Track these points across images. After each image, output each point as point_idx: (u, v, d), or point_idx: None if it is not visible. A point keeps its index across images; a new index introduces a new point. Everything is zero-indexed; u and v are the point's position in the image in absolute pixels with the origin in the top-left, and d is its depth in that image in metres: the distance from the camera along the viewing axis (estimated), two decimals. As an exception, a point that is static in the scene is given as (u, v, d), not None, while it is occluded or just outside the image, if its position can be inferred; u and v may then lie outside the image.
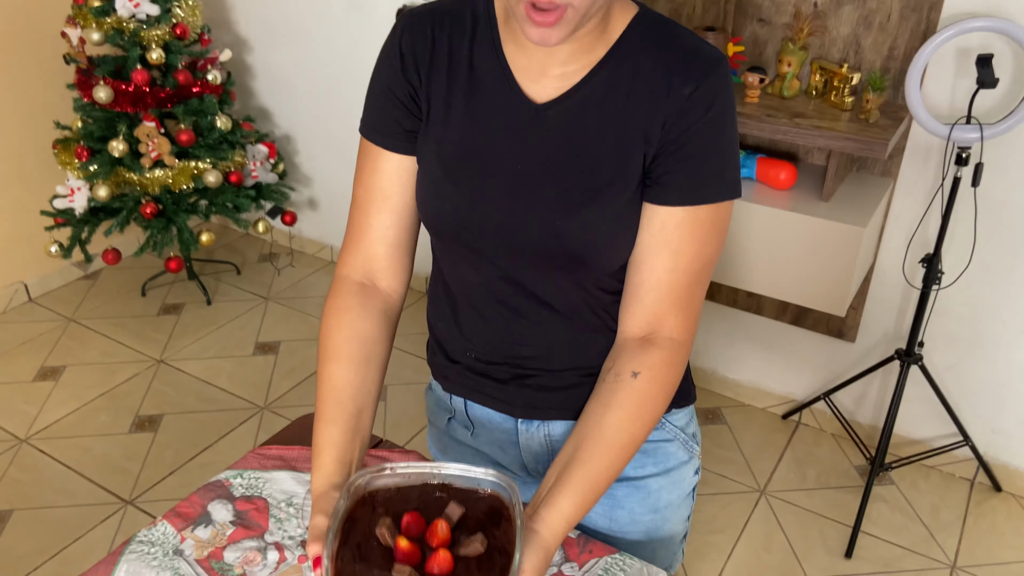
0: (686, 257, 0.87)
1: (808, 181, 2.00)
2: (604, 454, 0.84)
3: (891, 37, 1.90)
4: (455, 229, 0.92)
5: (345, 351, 0.93)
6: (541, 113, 0.87)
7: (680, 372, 0.91)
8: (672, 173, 0.85)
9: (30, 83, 2.82)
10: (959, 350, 2.15)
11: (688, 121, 0.83)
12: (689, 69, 0.83)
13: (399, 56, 0.91)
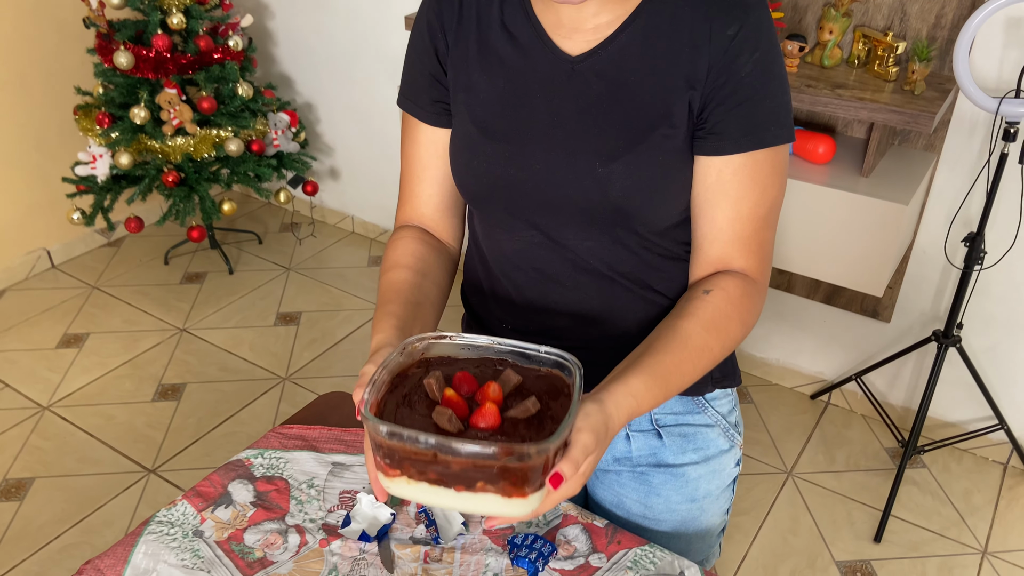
0: (748, 203, 0.84)
1: (847, 155, 1.93)
2: (677, 349, 0.81)
3: (939, 4, 1.81)
4: (492, 189, 0.89)
5: (404, 262, 0.93)
6: (576, 66, 0.84)
7: (755, 304, 0.87)
8: (726, 120, 0.81)
9: (50, 47, 2.79)
10: (998, 332, 2.08)
11: (737, 65, 0.80)
12: (730, 10, 0.80)
13: (427, 26, 0.90)
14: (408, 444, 0.67)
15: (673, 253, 0.92)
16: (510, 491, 0.67)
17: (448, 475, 0.67)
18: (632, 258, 0.90)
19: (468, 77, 0.89)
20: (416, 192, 0.97)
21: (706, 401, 1.00)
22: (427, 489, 0.69)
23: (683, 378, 0.81)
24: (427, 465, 0.68)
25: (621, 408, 0.75)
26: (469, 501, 0.68)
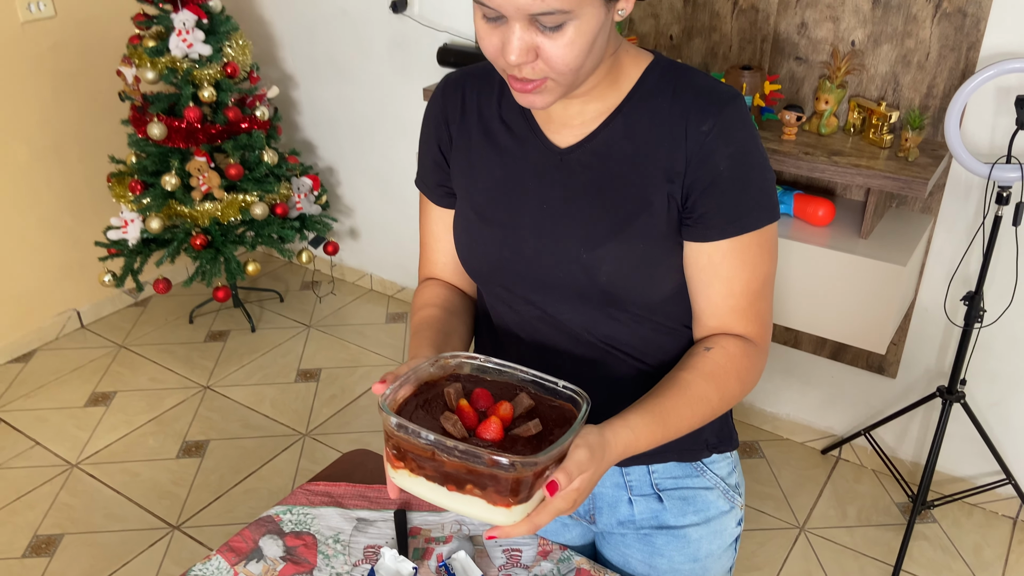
0: (740, 281, 0.91)
1: (847, 217, 2.01)
2: (676, 395, 0.88)
3: (930, 76, 1.91)
4: (491, 269, 0.98)
5: (432, 302, 1.04)
6: (564, 157, 0.92)
7: (754, 363, 0.93)
8: (711, 210, 0.88)
9: (86, 119, 2.94)
10: (1002, 387, 2.13)
11: (714, 159, 0.87)
12: (704, 108, 0.87)
13: (433, 119, 1.01)
14: (411, 438, 0.75)
15: (667, 327, 0.98)
16: (495, 499, 0.74)
17: (443, 474, 0.75)
18: (626, 332, 0.97)
19: (469, 165, 0.98)
20: (433, 258, 1.09)
21: (704, 465, 1.06)
22: (424, 484, 0.77)
23: (681, 422, 0.87)
24: (426, 461, 0.76)
25: (619, 436, 0.82)
26: (458, 502, 0.76)
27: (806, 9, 2.00)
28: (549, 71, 0.81)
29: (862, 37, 1.95)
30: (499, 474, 0.73)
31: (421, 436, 0.75)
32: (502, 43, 0.80)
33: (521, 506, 0.75)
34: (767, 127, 2.02)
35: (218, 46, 2.64)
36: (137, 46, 2.62)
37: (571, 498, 0.77)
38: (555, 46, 0.79)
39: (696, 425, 0.89)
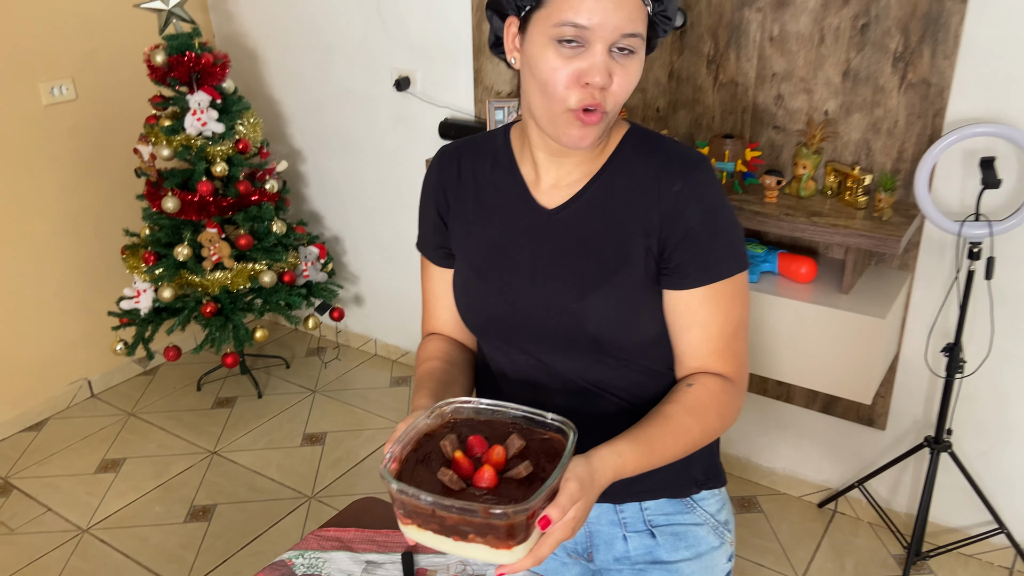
0: (716, 325, 1.00)
1: (829, 274, 2.11)
2: (660, 424, 0.96)
3: (899, 141, 2.04)
4: (488, 322, 1.07)
5: (434, 355, 1.12)
6: (552, 216, 1.03)
7: (733, 400, 1.01)
8: (685, 261, 0.98)
9: (103, 196, 3.08)
10: (988, 437, 2.19)
11: (685, 216, 0.97)
12: (674, 170, 0.98)
13: (432, 187, 1.12)
14: (412, 499, 0.82)
15: (652, 371, 1.07)
16: (496, 544, 0.82)
17: (446, 527, 0.82)
18: (614, 376, 1.06)
19: (466, 227, 1.09)
20: (435, 315, 1.18)
21: (694, 502, 1.13)
22: (432, 537, 0.84)
23: (665, 450, 0.95)
24: (429, 518, 0.83)
25: (607, 463, 0.89)
26: (464, 549, 0.83)
27: (781, 82, 2.14)
28: (608, 100, 0.92)
29: (834, 107, 2.09)
30: (496, 523, 0.80)
31: (420, 499, 0.82)
32: (580, 72, 0.90)
33: (522, 545, 0.82)
34: (750, 191, 2.15)
35: (230, 124, 2.79)
36: (154, 125, 2.77)
37: (569, 527, 0.85)
38: (625, 72, 0.92)
39: (679, 454, 0.97)
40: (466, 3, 2.61)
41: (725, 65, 2.21)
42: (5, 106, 2.75)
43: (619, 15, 0.89)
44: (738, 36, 2.16)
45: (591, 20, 0.88)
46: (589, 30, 0.89)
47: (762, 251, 2.13)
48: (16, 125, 2.79)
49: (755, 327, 2.06)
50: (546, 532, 0.83)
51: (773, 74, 2.15)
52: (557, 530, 0.83)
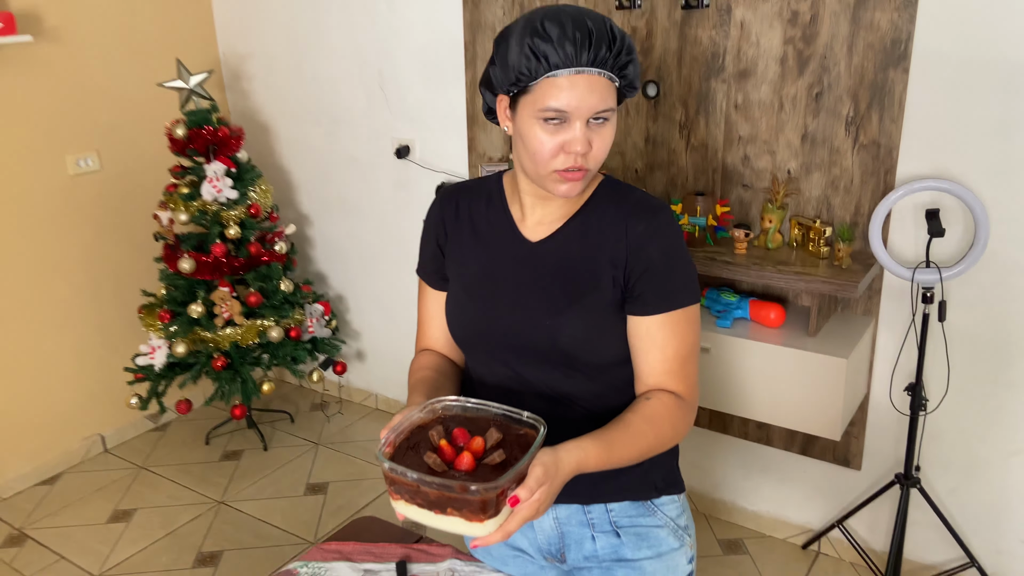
0: (671, 348, 1.16)
1: (797, 320, 2.27)
2: (619, 429, 1.11)
3: (856, 197, 2.22)
4: (475, 335, 1.23)
5: (426, 366, 1.28)
6: (536, 248, 1.21)
7: (685, 415, 1.16)
8: (646, 291, 1.15)
9: (122, 258, 3.27)
10: (956, 474, 2.31)
11: (647, 252, 1.15)
12: (639, 214, 1.17)
13: (433, 221, 1.31)
14: (400, 476, 0.97)
15: (614, 387, 1.22)
16: (471, 517, 0.96)
17: (428, 502, 0.97)
18: (581, 389, 1.21)
19: (461, 255, 1.27)
20: (428, 333, 1.35)
21: (655, 505, 1.27)
22: (416, 511, 0.99)
23: (623, 451, 1.10)
24: (415, 493, 0.97)
25: (571, 455, 1.04)
26: (443, 522, 0.97)
27: (747, 145, 2.34)
28: (589, 161, 1.11)
29: (796, 167, 2.29)
30: (470, 498, 0.95)
31: (407, 475, 0.97)
32: (563, 143, 1.09)
33: (492, 520, 0.97)
34: (721, 243, 2.32)
35: (244, 191, 3.00)
36: (173, 193, 2.98)
37: (534, 507, 0.99)
38: (600, 138, 1.11)
39: (636, 456, 1.12)
40: (460, 79, 2.85)
41: (696, 130, 2.42)
42: (35, 176, 2.96)
43: (592, 98, 1.08)
44: (706, 104, 2.38)
45: (569, 105, 1.07)
46: (568, 112, 1.08)
47: (735, 299, 2.29)
48: (44, 193, 3.00)
49: (729, 369, 2.21)
50: (514, 510, 0.98)
51: (739, 137, 2.35)
52: (524, 508, 0.98)
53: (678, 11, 2.35)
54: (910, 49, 2.06)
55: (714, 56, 2.33)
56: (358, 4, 3.02)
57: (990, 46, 1.97)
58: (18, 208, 2.94)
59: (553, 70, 1.06)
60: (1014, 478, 2.23)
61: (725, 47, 2.31)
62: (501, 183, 1.28)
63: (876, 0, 2.06)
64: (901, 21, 2.05)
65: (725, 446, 2.69)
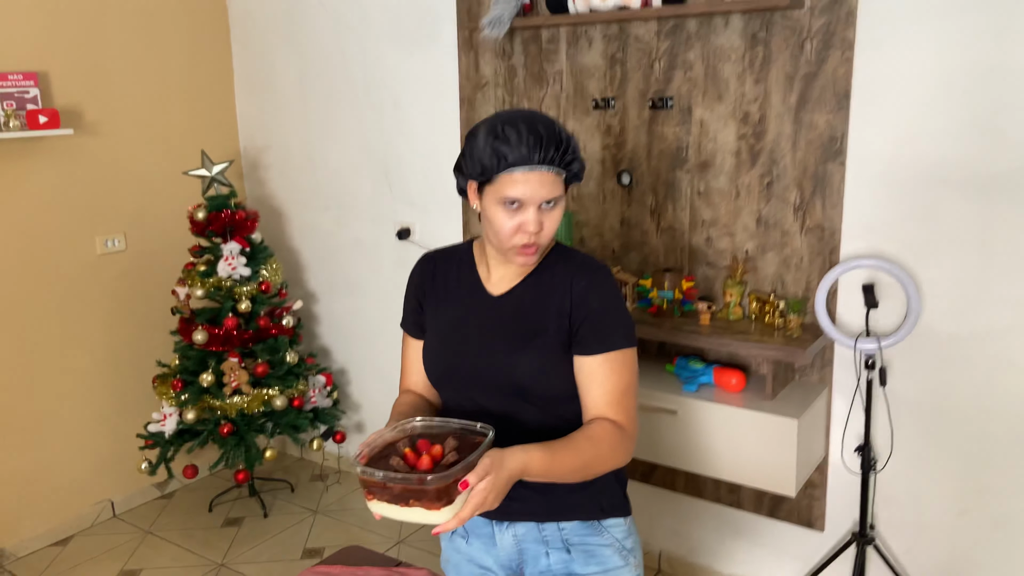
0: (610, 383, 1.38)
1: (757, 386, 2.48)
2: (563, 442, 1.31)
3: (805, 274, 2.47)
4: (447, 372, 1.46)
5: (406, 403, 1.51)
6: (497, 301, 1.45)
7: (623, 442, 1.35)
8: (587, 335, 1.38)
9: (140, 332, 3.52)
10: (910, 534, 2.47)
11: (587, 302, 1.39)
12: (582, 272, 1.42)
13: (414, 284, 1.56)
14: (369, 477, 1.18)
15: (564, 419, 1.43)
16: (429, 505, 1.17)
17: (394, 496, 1.18)
18: (535, 420, 1.42)
19: (436, 308, 1.51)
20: (408, 376, 1.58)
21: (603, 526, 1.46)
22: (386, 507, 1.19)
23: (564, 460, 1.29)
24: (383, 491, 1.18)
25: (515, 455, 1.24)
26: (408, 513, 1.18)
27: (710, 228, 2.61)
28: (541, 238, 1.36)
29: (753, 247, 2.54)
30: (426, 488, 1.16)
31: (375, 475, 1.19)
32: (519, 223, 1.35)
33: (448, 508, 1.18)
34: (687, 316, 2.56)
35: (256, 269, 3.27)
36: (191, 271, 3.26)
37: (482, 495, 1.19)
38: (550, 219, 1.37)
39: (576, 467, 1.31)
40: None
41: (665, 214, 2.69)
42: (65, 255, 3.25)
43: (543, 190, 1.34)
44: (673, 192, 2.66)
45: (524, 195, 1.34)
46: (523, 200, 1.34)
47: (701, 366, 2.51)
48: (73, 271, 3.28)
49: (696, 431, 2.40)
50: (467, 498, 1.18)
51: (703, 221, 2.62)
52: (474, 495, 1.18)
53: (646, 111, 2.66)
54: (845, 145, 2.34)
55: (678, 149, 2.62)
56: (367, 104, 3.36)
57: (914, 143, 2.26)
58: (48, 283, 3.21)
59: (511, 167, 1.32)
60: (961, 537, 2.39)
61: (688, 142, 2.60)
62: (471, 249, 1.53)
63: (814, 104, 2.36)
64: (836, 122, 2.34)
65: (700, 511, 2.85)
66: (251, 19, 3.65)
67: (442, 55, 3.11)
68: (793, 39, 2.36)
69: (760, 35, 2.41)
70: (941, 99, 2.20)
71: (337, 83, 3.44)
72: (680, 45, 2.56)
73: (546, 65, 2.84)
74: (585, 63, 2.75)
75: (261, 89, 3.69)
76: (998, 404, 2.27)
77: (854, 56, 2.29)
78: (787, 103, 2.41)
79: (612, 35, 2.68)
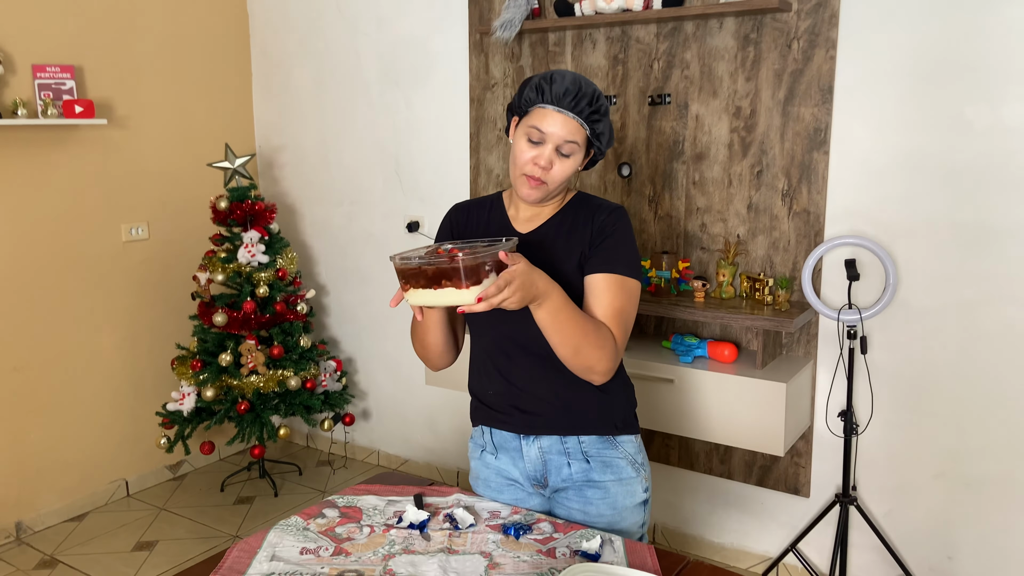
0: (607, 300, 1.54)
1: (748, 359, 2.68)
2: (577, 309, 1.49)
3: (792, 255, 2.69)
4: None
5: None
6: (526, 237, 1.63)
7: (610, 348, 1.51)
8: (596, 256, 1.56)
9: (160, 316, 3.68)
10: (890, 497, 2.66)
11: (604, 232, 1.57)
12: (602, 209, 1.60)
13: (446, 226, 1.73)
14: (406, 263, 1.33)
15: None
16: (459, 285, 1.31)
17: (427, 279, 1.32)
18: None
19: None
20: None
21: (617, 441, 1.65)
22: (420, 292, 1.34)
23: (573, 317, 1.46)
24: (417, 276, 1.33)
25: (544, 276, 1.42)
26: (439, 295, 1.32)
27: (704, 215, 2.83)
28: (548, 178, 1.54)
29: (744, 232, 2.76)
30: (457, 266, 1.30)
31: (412, 260, 1.34)
32: (535, 156, 1.53)
33: (476, 287, 1.32)
34: (683, 295, 2.76)
35: (273, 257, 3.45)
36: (212, 257, 3.43)
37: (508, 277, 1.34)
38: (561, 165, 1.54)
39: (575, 332, 1.46)
40: (465, 163, 3.36)
41: (662, 203, 2.91)
42: (93, 242, 3.42)
43: (563, 130, 1.54)
44: (670, 181, 2.88)
45: (547, 128, 1.53)
46: (545, 135, 1.54)
47: (696, 341, 2.71)
48: (99, 257, 3.45)
49: (691, 398, 2.59)
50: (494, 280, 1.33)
51: (697, 208, 2.84)
52: (502, 276, 1.33)
53: (646, 107, 2.89)
54: (829, 136, 2.58)
55: (675, 143, 2.85)
56: (381, 103, 3.58)
57: (891, 133, 2.49)
58: (74, 268, 3.38)
59: (544, 103, 1.53)
60: (937, 499, 2.58)
61: (684, 135, 2.83)
62: (500, 196, 1.73)
63: (800, 98, 2.60)
64: (820, 114, 2.58)
65: (693, 482, 3.03)
66: (271, 27, 3.87)
67: (453, 57, 3.33)
68: (781, 39, 2.60)
69: (751, 36, 2.65)
70: (915, 94, 2.44)
71: (352, 85, 3.65)
72: (678, 46, 2.80)
73: (552, 65, 3.07)
74: (589, 63, 2.99)
75: (278, 92, 3.90)
76: (970, 372, 2.48)
77: (837, 55, 2.53)
78: (776, 98, 2.64)
79: (615, 37, 2.91)
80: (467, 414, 3.56)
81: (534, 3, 2.98)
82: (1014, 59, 2.29)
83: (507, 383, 1.65)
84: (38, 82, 3.13)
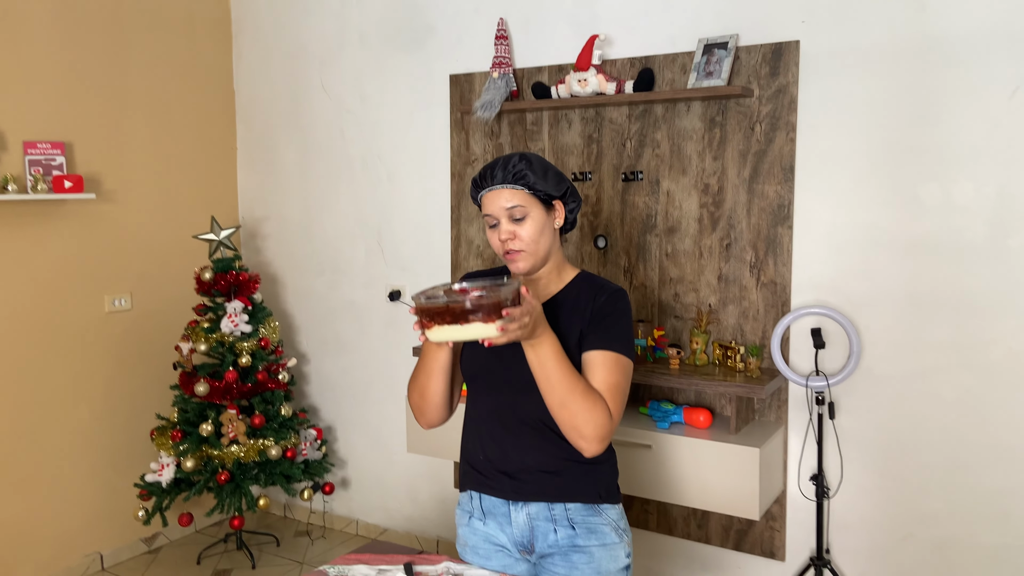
0: (603, 375, 1.63)
1: (722, 424, 2.77)
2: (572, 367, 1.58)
3: (762, 323, 2.81)
4: (481, 369, 1.71)
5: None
6: None
7: (601, 416, 1.58)
8: (593, 335, 1.66)
9: (140, 387, 3.69)
10: (862, 559, 2.73)
11: (602, 312, 1.67)
12: (604, 290, 1.71)
13: None
14: (431, 303, 1.41)
15: None
16: (485, 320, 1.39)
17: (453, 316, 1.39)
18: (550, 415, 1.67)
19: None
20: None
21: (600, 509, 1.72)
22: (446, 329, 1.41)
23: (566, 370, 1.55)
24: (442, 315, 1.41)
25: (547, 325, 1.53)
26: (466, 330, 1.40)
27: (676, 285, 2.95)
28: (522, 245, 1.66)
29: (715, 301, 2.88)
30: (483, 303, 1.39)
31: (438, 298, 1.42)
32: (498, 235, 1.66)
33: (499, 321, 1.40)
34: (659, 362, 2.86)
35: (256, 326, 3.51)
36: (195, 327, 3.48)
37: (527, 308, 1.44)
38: (523, 228, 1.67)
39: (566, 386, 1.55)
40: (447, 234, 3.48)
41: (637, 273, 3.03)
42: (74, 312, 3.45)
43: (503, 199, 1.67)
44: (644, 253, 3.01)
45: (491, 210, 1.68)
46: (494, 215, 1.67)
47: (672, 407, 2.80)
48: (80, 328, 3.47)
49: (668, 463, 2.67)
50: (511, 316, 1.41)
51: (670, 278, 2.96)
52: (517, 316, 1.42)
53: (619, 183, 3.04)
54: (792, 212, 2.73)
55: (648, 216, 2.99)
56: (364, 177, 3.70)
57: (850, 210, 2.65)
58: (55, 339, 3.40)
59: (481, 192, 1.71)
60: (907, 561, 2.66)
61: (656, 210, 2.97)
62: (507, 270, 1.83)
63: (764, 176, 2.76)
64: (783, 191, 2.73)
65: (671, 547, 3.08)
66: (256, 104, 4.00)
67: (435, 135, 3.48)
68: (745, 122, 2.77)
69: (717, 119, 2.83)
70: (871, 174, 2.61)
71: (335, 160, 3.78)
72: (649, 127, 2.96)
73: (530, 143, 3.22)
74: (565, 142, 3.14)
75: (263, 165, 4.02)
76: (932, 437, 2.59)
77: (797, 137, 2.70)
78: (742, 176, 2.80)
79: (589, 118, 3.08)
80: (449, 482, 3.59)
81: (513, 85, 3.14)
82: (960, 143, 2.47)
83: (500, 450, 1.72)
84: (28, 158, 3.21)
